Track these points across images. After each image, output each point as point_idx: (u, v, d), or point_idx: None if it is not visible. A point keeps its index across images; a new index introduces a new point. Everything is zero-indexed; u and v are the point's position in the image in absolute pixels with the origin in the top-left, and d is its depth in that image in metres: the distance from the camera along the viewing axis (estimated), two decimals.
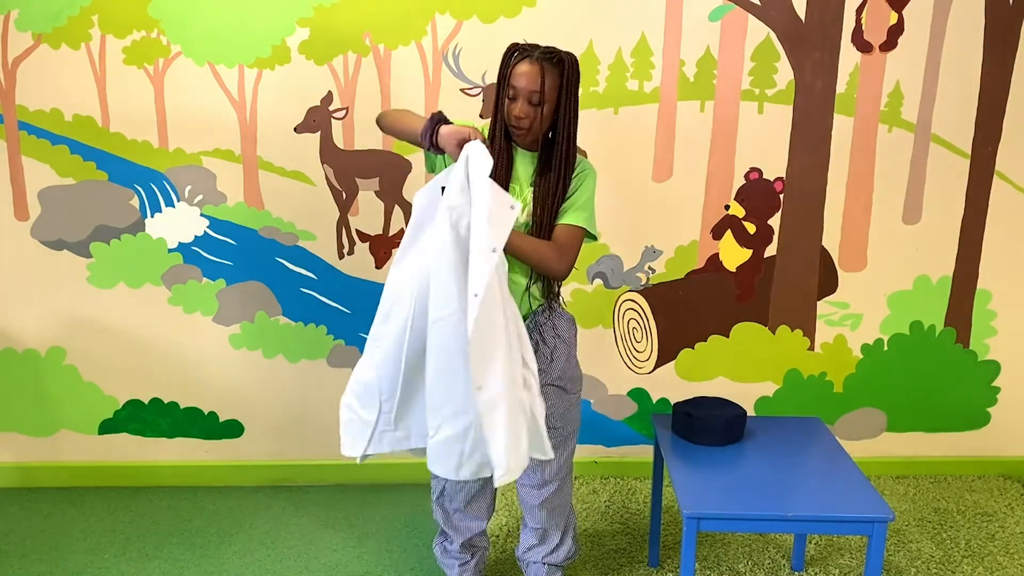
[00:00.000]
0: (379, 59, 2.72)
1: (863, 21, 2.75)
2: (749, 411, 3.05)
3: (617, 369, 3.05)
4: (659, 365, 3.05)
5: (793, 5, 2.72)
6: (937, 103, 2.82)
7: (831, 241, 2.94)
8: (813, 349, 3.04)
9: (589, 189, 2.10)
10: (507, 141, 2.07)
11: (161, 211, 2.83)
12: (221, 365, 2.98)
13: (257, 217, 2.85)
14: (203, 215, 2.84)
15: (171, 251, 2.87)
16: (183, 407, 3.02)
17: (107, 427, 3.03)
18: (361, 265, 2.91)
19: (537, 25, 2.68)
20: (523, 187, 2.08)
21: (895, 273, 2.98)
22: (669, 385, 3.05)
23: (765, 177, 2.87)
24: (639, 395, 3.08)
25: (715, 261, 2.94)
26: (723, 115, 2.81)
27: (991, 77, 2.80)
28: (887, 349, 3.05)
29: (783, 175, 2.87)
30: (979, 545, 2.72)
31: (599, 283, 2.96)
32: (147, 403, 3.01)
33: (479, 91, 2.74)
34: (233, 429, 3.06)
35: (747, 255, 2.94)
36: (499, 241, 1.79)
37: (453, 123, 1.97)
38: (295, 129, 2.78)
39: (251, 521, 2.85)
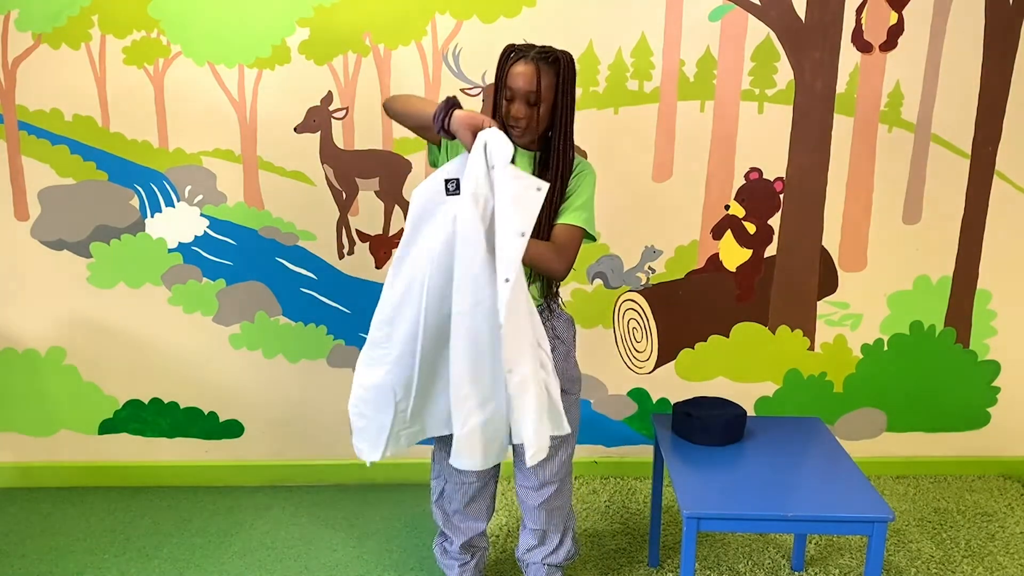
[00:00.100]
0: (379, 59, 2.72)
1: (863, 21, 2.74)
2: (749, 411, 3.05)
3: (617, 369, 3.05)
4: (659, 365, 3.05)
5: (793, 5, 2.73)
6: (937, 103, 2.82)
7: (831, 241, 2.94)
8: (813, 349, 3.04)
9: (588, 189, 2.10)
10: None
11: (161, 211, 2.83)
12: (221, 365, 2.98)
13: (257, 217, 2.85)
14: (203, 215, 2.84)
15: (171, 251, 2.87)
16: (183, 407, 3.02)
17: (107, 427, 3.03)
18: (361, 265, 2.91)
19: (537, 25, 2.68)
20: None
21: (895, 273, 2.98)
22: (669, 385, 3.05)
23: (765, 177, 2.87)
24: (639, 395, 3.08)
25: (715, 261, 2.94)
26: (723, 115, 2.81)
27: (991, 77, 2.80)
28: (887, 349, 3.05)
29: (783, 175, 2.87)
30: (979, 545, 2.72)
31: (599, 283, 2.96)
32: (147, 403, 3.01)
33: (479, 91, 2.74)
34: (233, 429, 3.06)
35: (747, 255, 2.94)
36: (528, 225, 1.80)
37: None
38: (295, 129, 2.78)
39: (251, 521, 2.86)
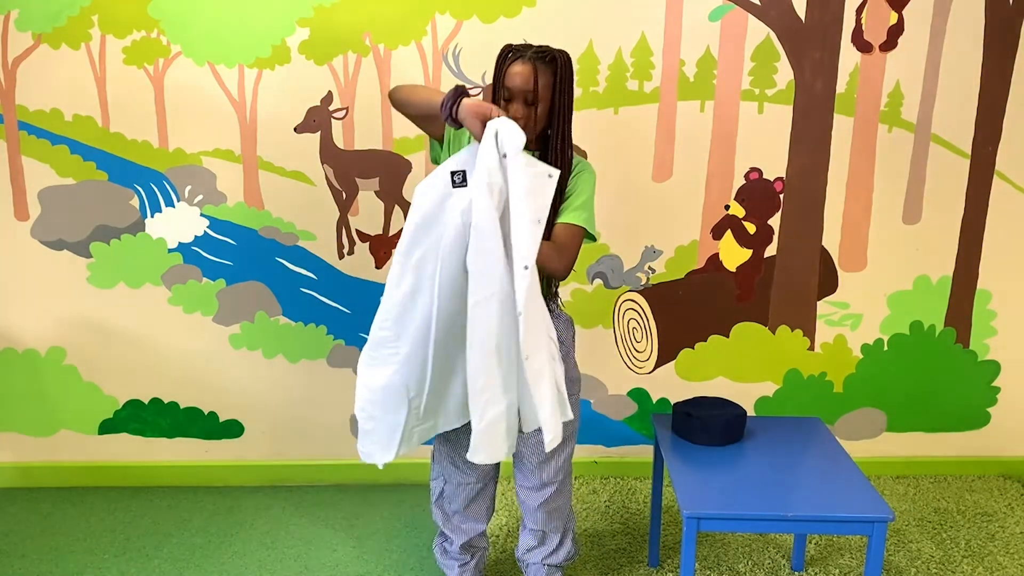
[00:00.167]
0: (379, 59, 2.72)
1: (863, 21, 2.74)
2: (749, 411, 3.05)
3: (617, 369, 3.05)
4: (659, 365, 3.05)
5: (793, 5, 2.72)
6: (937, 103, 2.82)
7: (831, 241, 2.94)
8: (813, 349, 3.04)
9: (588, 189, 2.09)
10: None
11: (161, 211, 2.83)
12: (221, 365, 2.98)
13: (257, 217, 2.85)
14: (203, 215, 2.84)
15: (171, 251, 2.87)
16: (183, 407, 3.02)
17: (107, 427, 3.03)
18: (361, 265, 2.91)
19: (537, 25, 2.68)
20: None
21: (895, 273, 2.98)
22: (669, 385, 3.05)
23: (765, 177, 2.87)
24: (639, 395, 3.08)
25: (715, 261, 2.94)
26: (723, 115, 2.81)
27: (991, 77, 2.80)
28: (887, 349, 3.05)
29: (783, 175, 2.87)
30: (979, 545, 2.72)
31: (599, 283, 2.96)
32: (147, 403, 3.01)
33: (479, 91, 2.74)
34: (233, 429, 3.06)
35: (747, 255, 2.94)
36: (543, 212, 1.82)
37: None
38: (295, 129, 2.78)
39: (251, 521, 2.86)
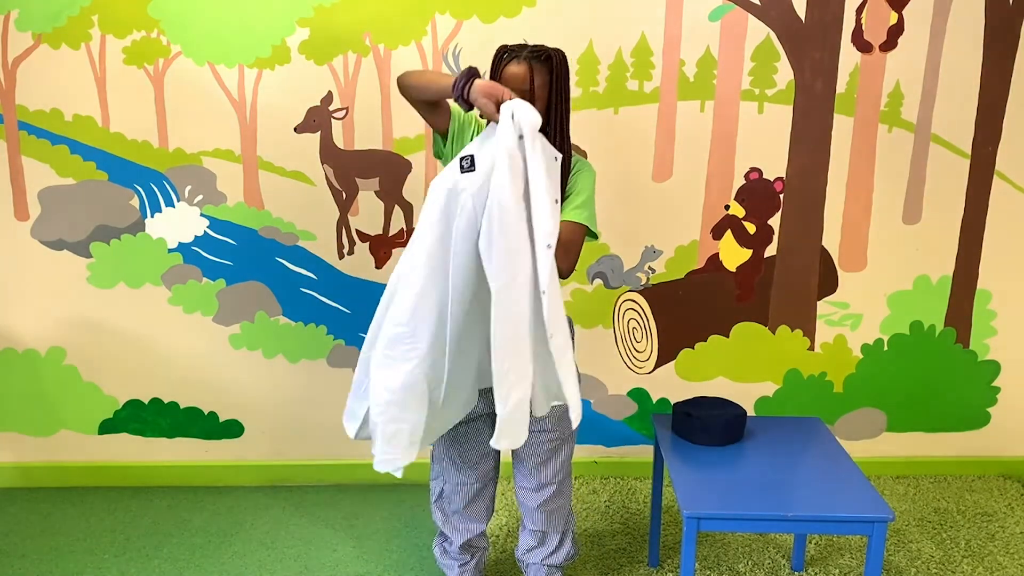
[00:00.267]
0: (379, 59, 2.72)
1: (863, 21, 2.74)
2: (749, 411, 3.05)
3: (617, 369, 3.05)
4: (659, 365, 3.05)
5: (793, 5, 2.72)
6: (937, 103, 2.82)
7: (831, 241, 2.94)
8: (813, 349, 3.04)
9: (588, 187, 2.09)
10: None
11: (161, 211, 2.83)
12: (221, 365, 2.98)
13: (257, 217, 2.85)
14: (203, 215, 2.84)
15: (171, 251, 2.87)
16: (183, 407, 3.02)
17: (107, 427, 3.03)
18: (361, 265, 2.91)
19: (537, 25, 2.68)
20: None
21: (895, 273, 2.98)
22: (669, 385, 3.05)
23: (765, 177, 2.87)
24: (639, 395, 3.08)
25: (715, 261, 2.94)
26: (723, 115, 2.81)
27: (991, 77, 2.80)
28: (887, 349, 3.05)
29: (783, 175, 2.87)
30: (979, 545, 2.72)
31: (599, 283, 2.96)
32: (147, 403, 3.01)
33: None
34: (233, 429, 3.06)
35: (747, 255, 2.94)
36: (558, 193, 1.85)
37: None
38: (295, 129, 2.77)
39: (251, 521, 2.86)
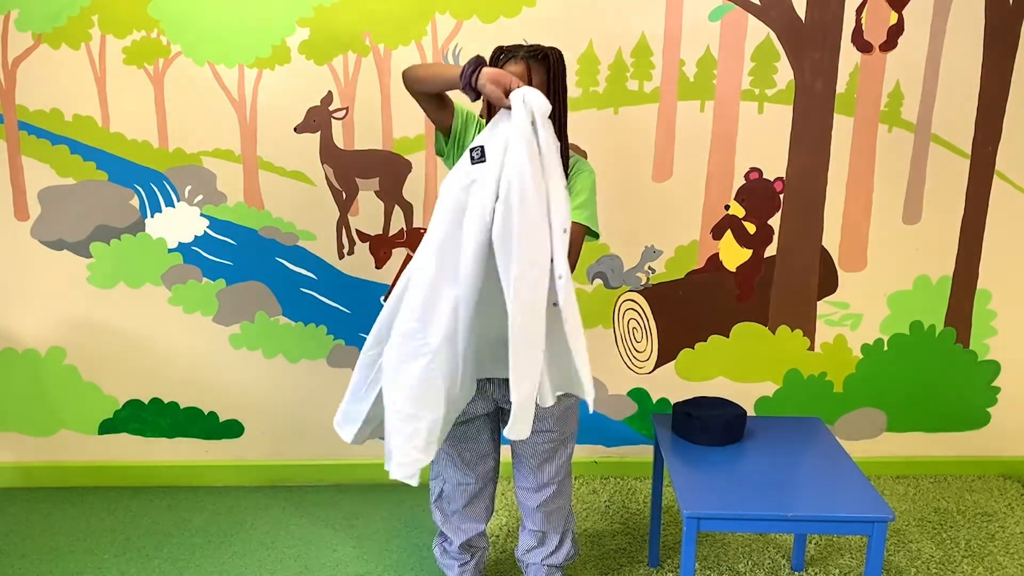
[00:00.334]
0: (379, 59, 2.72)
1: (863, 21, 2.74)
2: (749, 411, 3.05)
3: (617, 369, 3.05)
4: (659, 365, 3.05)
5: (793, 5, 2.72)
6: (937, 103, 2.82)
7: (831, 241, 2.94)
8: (813, 349, 3.04)
9: (588, 187, 2.09)
10: None
11: (161, 211, 2.83)
12: (221, 365, 2.98)
13: (257, 217, 2.85)
14: (203, 215, 2.84)
15: (171, 251, 2.87)
16: (183, 407, 3.02)
17: (107, 427, 3.03)
18: (361, 265, 2.91)
19: (537, 25, 2.68)
20: None
21: (895, 273, 2.98)
22: (669, 385, 3.05)
23: (765, 177, 2.87)
24: (639, 395, 3.08)
25: (715, 261, 2.94)
26: (723, 115, 2.81)
27: (991, 77, 2.80)
28: (887, 349, 3.05)
29: (783, 175, 2.87)
30: (979, 545, 2.72)
31: (599, 283, 2.96)
32: (147, 403, 3.01)
33: None
34: (233, 429, 3.06)
35: (747, 255, 2.94)
36: (564, 179, 1.89)
37: None
38: (295, 129, 2.78)
39: (251, 521, 2.86)
